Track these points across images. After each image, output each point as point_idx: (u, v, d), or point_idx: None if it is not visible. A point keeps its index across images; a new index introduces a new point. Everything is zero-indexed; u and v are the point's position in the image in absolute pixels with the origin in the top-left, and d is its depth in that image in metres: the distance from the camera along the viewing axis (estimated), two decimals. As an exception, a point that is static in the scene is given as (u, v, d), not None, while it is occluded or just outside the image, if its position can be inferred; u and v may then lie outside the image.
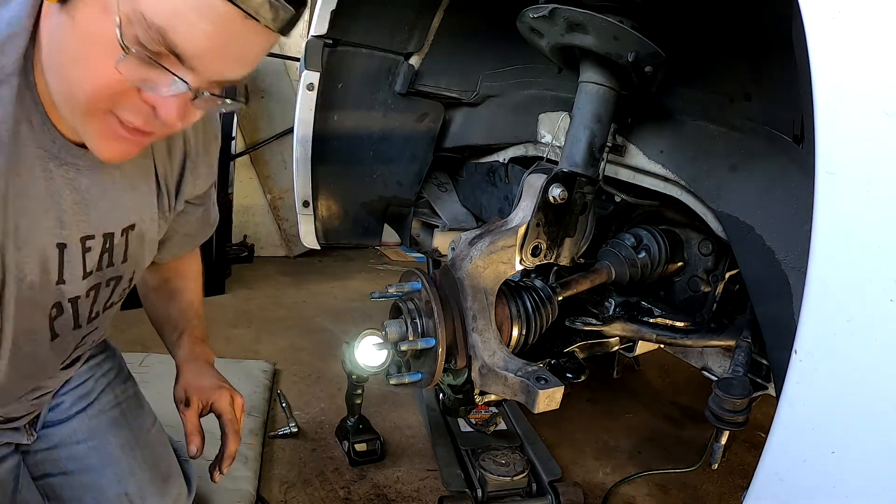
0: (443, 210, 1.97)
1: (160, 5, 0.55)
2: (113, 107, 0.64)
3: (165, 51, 0.58)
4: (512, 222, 1.15)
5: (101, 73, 0.60)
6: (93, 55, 0.60)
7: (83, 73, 0.61)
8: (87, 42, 0.59)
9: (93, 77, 0.61)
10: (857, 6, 0.59)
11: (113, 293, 0.94)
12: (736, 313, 1.28)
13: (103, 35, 0.57)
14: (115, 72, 0.59)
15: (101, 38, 0.58)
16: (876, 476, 0.62)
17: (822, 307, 0.64)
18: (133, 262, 0.93)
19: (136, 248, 0.92)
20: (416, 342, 1.06)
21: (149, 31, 0.56)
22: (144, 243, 0.93)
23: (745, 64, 1.09)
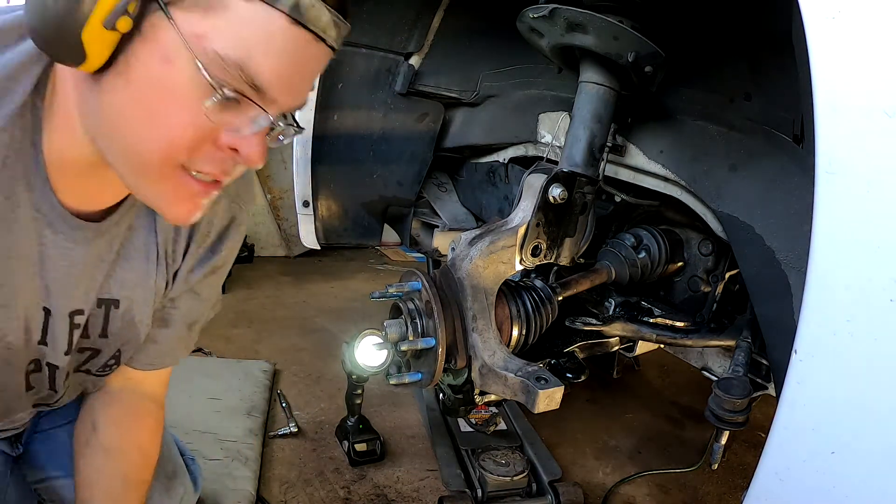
0: (443, 210, 1.97)
1: (232, 39, 0.53)
2: (188, 161, 0.60)
3: (246, 86, 0.55)
4: (512, 222, 1.15)
5: (176, 125, 0.56)
6: (164, 109, 0.56)
7: (154, 130, 0.57)
8: (154, 97, 0.55)
9: (168, 131, 0.57)
10: (857, 6, 0.59)
11: (88, 362, 0.86)
12: (736, 313, 1.28)
13: (172, 85, 0.54)
14: (191, 121, 0.56)
15: (171, 89, 0.55)
16: (876, 476, 0.62)
17: (822, 307, 0.64)
18: (115, 340, 0.85)
19: (119, 328, 0.84)
20: (416, 342, 1.06)
21: (226, 68, 0.54)
22: (133, 324, 0.85)
23: (745, 64, 1.09)
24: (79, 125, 0.62)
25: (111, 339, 0.84)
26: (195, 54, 0.52)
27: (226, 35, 0.53)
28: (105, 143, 0.61)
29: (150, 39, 0.53)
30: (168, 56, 0.53)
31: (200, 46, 0.53)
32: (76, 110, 0.61)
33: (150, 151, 0.58)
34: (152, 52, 0.54)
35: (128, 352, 0.89)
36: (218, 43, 0.53)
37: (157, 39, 0.53)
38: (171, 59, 0.53)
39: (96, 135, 0.61)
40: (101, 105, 0.57)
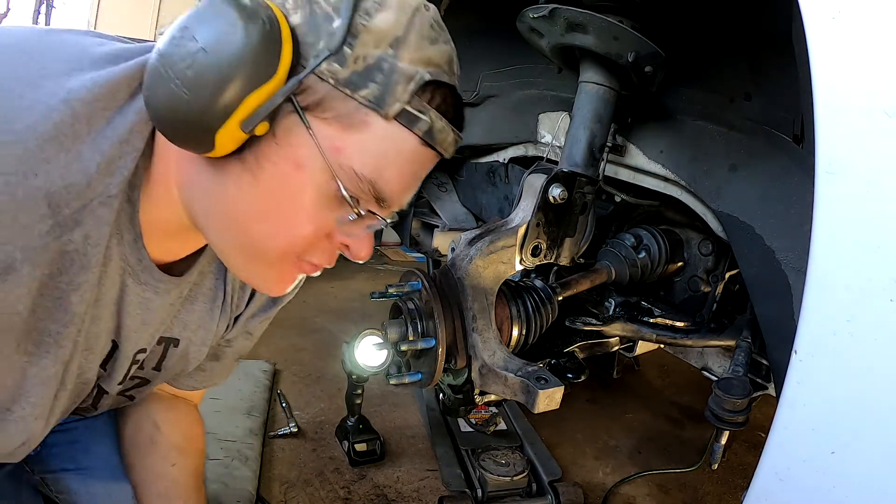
0: (443, 210, 1.97)
1: (368, 157, 0.55)
2: (303, 254, 0.62)
3: (373, 199, 0.58)
4: (512, 222, 1.15)
5: (301, 226, 0.58)
6: (290, 211, 0.57)
7: (277, 228, 0.59)
8: (282, 199, 0.57)
9: (291, 231, 0.59)
10: (857, 6, 0.59)
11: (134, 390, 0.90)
12: (736, 313, 1.28)
13: (302, 190, 0.56)
14: (315, 225, 0.58)
15: (300, 194, 0.56)
16: (876, 476, 0.62)
17: (822, 307, 0.64)
18: (166, 373, 0.89)
19: (173, 364, 0.87)
20: (416, 342, 1.06)
21: (360, 183, 0.56)
22: (187, 361, 0.88)
23: (745, 64, 1.09)
24: (175, 195, 0.62)
25: (163, 373, 0.87)
26: (333, 170, 0.54)
27: (363, 152, 0.55)
28: (212, 224, 0.62)
29: (284, 144, 0.54)
30: (301, 163, 0.55)
31: (337, 161, 0.54)
32: (175, 183, 0.62)
33: (270, 246, 0.60)
34: (285, 157, 0.55)
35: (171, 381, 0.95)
36: (355, 159, 0.55)
37: (291, 144, 0.54)
38: (303, 166, 0.55)
39: (200, 213, 0.62)
40: (216, 190, 0.58)
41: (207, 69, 0.49)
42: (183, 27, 0.50)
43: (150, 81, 0.52)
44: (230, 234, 0.61)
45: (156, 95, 0.52)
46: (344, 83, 0.53)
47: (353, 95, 0.54)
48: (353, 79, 0.53)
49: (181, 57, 0.50)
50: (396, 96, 0.55)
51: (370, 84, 0.54)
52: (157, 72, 0.51)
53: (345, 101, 0.54)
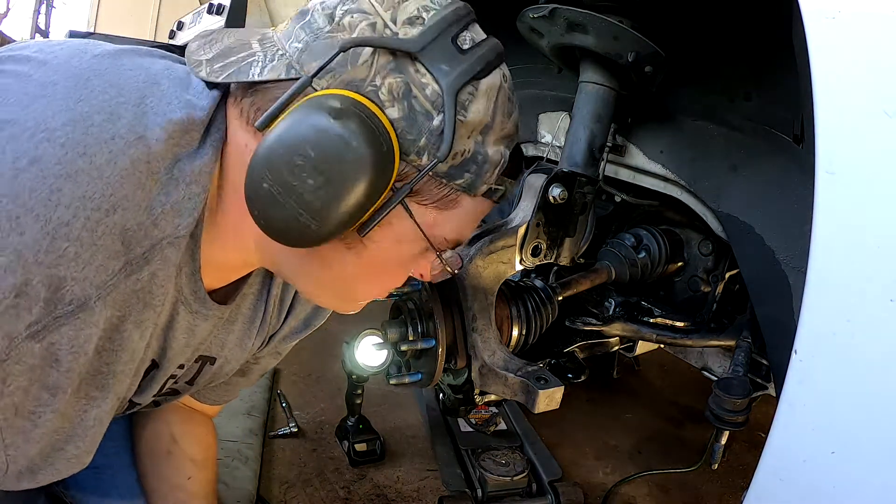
0: (443, 210, 1.97)
1: (456, 225, 0.63)
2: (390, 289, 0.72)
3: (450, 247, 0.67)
4: (512, 222, 1.15)
5: (395, 282, 0.69)
6: (390, 275, 0.67)
7: (377, 287, 0.69)
8: (384, 268, 0.65)
9: (388, 287, 0.70)
10: (857, 6, 0.59)
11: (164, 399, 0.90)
12: (736, 313, 1.28)
13: (400, 259, 0.64)
14: (408, 270, 0.68)
15: (398, 262, 0.65)
16: (876, 476, 0.62)
17: (822, 307, 0.64)
18: (196, 388, 0.91)
19: (206, 380, 0.89)
20: (416, 342, 1.06)
21: (447, 243, 0.65)
22: (218, 377, 0.91)
23: (745, 64, 1.09)
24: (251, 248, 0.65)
25: (195, 387, 0.89)
26: (430, 242, 0.62)
27: (452, 224, 0.62)
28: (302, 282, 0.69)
29: (386, 226, 0.59)
30: (401, 239, 0.61)
31: (431, 234, 0.61)
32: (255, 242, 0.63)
33: (368, 296, 0.70)
34: (387, 236, 0.60)
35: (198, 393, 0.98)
36: (446, 230, 0.62)
37: (392, 226, 0.59)
38: (403, 241, 0.61)
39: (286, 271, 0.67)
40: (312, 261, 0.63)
41: (332, 200, 0.51)
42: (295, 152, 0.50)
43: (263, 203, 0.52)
44: (324, 290, 0.69)
45: (273, 217, 0.53)
46: (443, 175, 0.58)
47: (450, 184, 0.59)
48: (451, 171, 0.58)
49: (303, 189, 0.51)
50: (485, 180, 0.61)
51: (465, 174, 0.59)
52: (270, 196, 0.51)
53: (441, 188, 0.59)
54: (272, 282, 0.83)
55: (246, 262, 0.69)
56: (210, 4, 3.55)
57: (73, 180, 0.48)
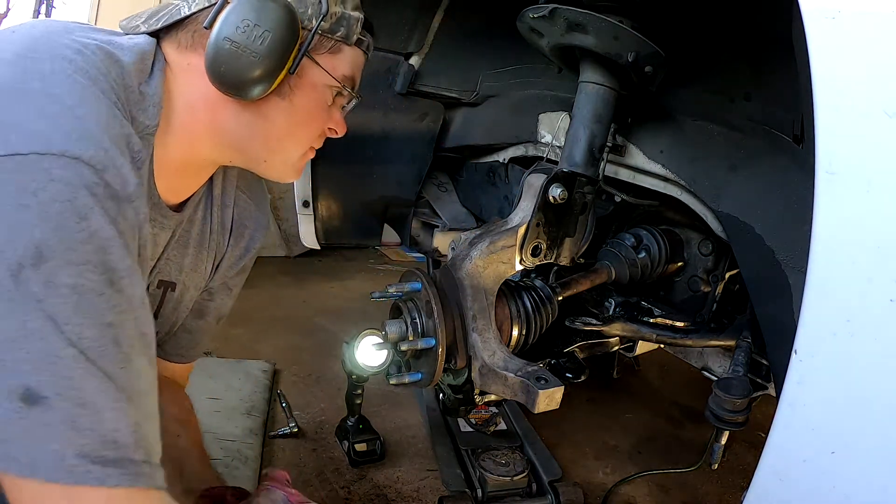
0: (443, 210, 1.97)
1: (345, 65, 0.87)
2: (314, 142, 0.91)
3: (351, 87, 0.89)
4: (512, 222, 1.15)
5: (319, 125, 0.89)
6: (315, 115, 0.87)
7: (309, 129, 0.88)
8: (308, 111, 0.86)
9: (314, 130, 0.89)
10: (857, 6, 0.59)
11: None
12: (736, 313, 1.28)
13: (318, 102, 0.87)
14: (325, 120, 0.90)
15: (318, 105, 0.87)
16: (876, 476, 0.62)
17: (822, 307, 0.64)
18: (160, 323, 0.96)
19: (169, 311, 0.97)
20: (416, 342, 1.06)
21: (346, 80, 0.88)
22: (179, 310, 0.98)
23: (745, 64, 1.09)
24: (200, 134, 0.82)
25: (158, 322, 0.96)
26: (334, 78, 0.85)
27: (344, 64, 0.87)
28: (252, 147, 0.85)
29: (301, 75, 0.82)
30: (315, 83, 0.84)
31: (338, 74, 0.86)
32: (208, 128, 0.82)
33: (300, 145, 0.89)
34: (305, 84, 0.83)
35: (167, 345, 1.03)
36: (341, 69, 0.86)
37: (305, 76, 0.83)
38: (316, 85, 0.85)
39: (238, 143, 0.84)
40: (260, 121, 0.83)
41: (269, 42, 0.75)
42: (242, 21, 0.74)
43: (222, 57, 0.74)
44: (267, 149, 0.86)
45: (229, 65, 0.75)
46: (327, 31, 0.83)
47: (332, 37, 0.84)
48: (332, 27, 0.84)
49: (252, 38, 0.74)
50: (354, 31, 0.86)
51: (340, 28, 0.85)
52: (231, 53, 0.74)
53: (327, 42, 0.84)
54: (213, 207, 0.97)
55: (190, 162, 0.85)
56: (210, 4, 3.56)
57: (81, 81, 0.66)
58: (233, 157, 0.87)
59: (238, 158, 0.87)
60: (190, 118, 0.80)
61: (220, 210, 0.98)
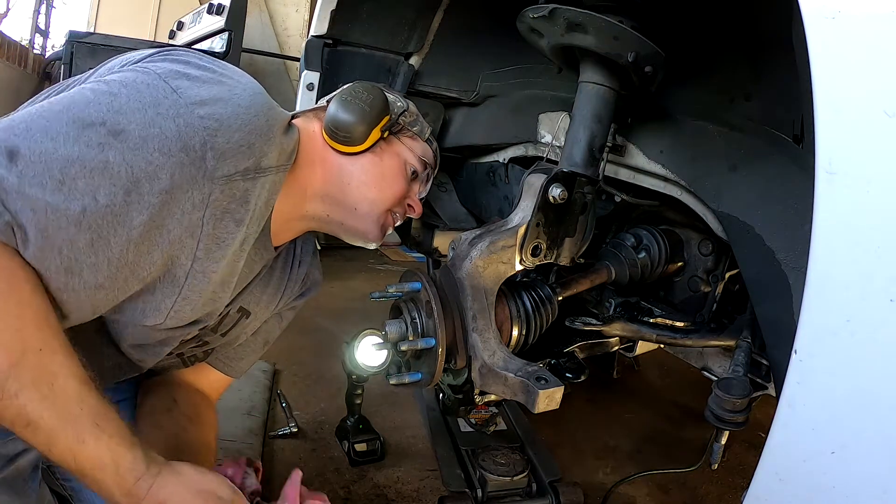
0: (443, 210, 1.97)
1: (418, 151, 1.12)
2: (393, 207, 1.09)
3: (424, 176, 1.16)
4: (512, 222, 1.15)
5: (400, 188, 1.08)
6: (394, 179, 1.07)
7: (387, 190, 1.06)
8: (393, 171, 1.07)
9: (395, 190, 1.07)
10: (857, 6, 0.59)
11: (190, 348, 1.07)
12: (736, 313, 1.28)
13: (400, 169, 1.08)
14: (402, 187, 1.08)
15: (399, 170, 1.08)
16: (876, 476, 0.62)
17: (822, 307, 0.64)
18: (225, 342, 1.10)
19: (236, 335, 1.10)
20: (416, 342, 1.06)
21: (418, 165, 1.12)
22: (243, 333, 1.12)
23: (745, 64, 1.09)
24: (310, 190, 1.00)
25: (224, 340, 1.10)
26: (413, 154, 1.11)
27: (420, 150, 1.13)
28: (347, 194, 1.03)
29: (389, 144, 1.08)
30: (398, 153, 1.09)
31: (412, 151, 1.11)
32: (321, 180, 1.01)
33: (385, 199, 1.06)
34: (391, 152, 1.08)
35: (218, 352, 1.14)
36: (416, 151, 1.12)
37: (392, 145, 1.09)
38: (399, 154, 1.09)
39: (337, 190, 1.02)
40: (355, 171, 1.03)
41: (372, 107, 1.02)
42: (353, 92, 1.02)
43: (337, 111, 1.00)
44: (361, 196, 1.03)
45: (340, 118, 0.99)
46: (407, 123, 1.12)
47: (410, 129, 1.12)
48: (410, 122, 1.12)
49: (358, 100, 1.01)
50: (424, 131, 1.15)
51: (416, 125, 1.13)
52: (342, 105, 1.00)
53: (408, 130, 1.12)
54: (293, 260, 1.14)
55: (295, 215, 1.01)
56: (210, 4, 3.56)
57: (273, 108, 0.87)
58: (332, 209, 1.03)
59: (336, 209, 1.03)
60: (309, 172, 1.00)
61: (300, 266, 1.16)
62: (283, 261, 1.12)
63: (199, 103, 0.77)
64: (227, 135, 0.78)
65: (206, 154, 0.77)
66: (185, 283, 0.84)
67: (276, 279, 1.11)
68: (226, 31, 3.37)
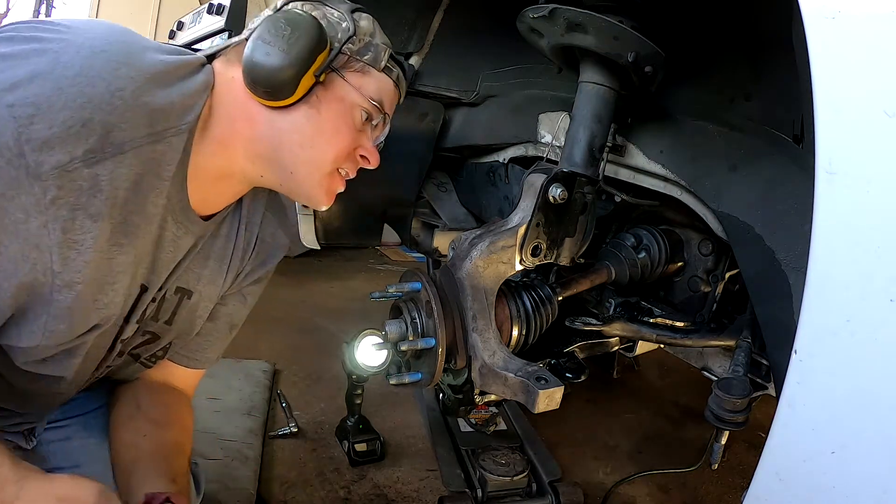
0: (443, 210, 1.97)
1: (374, 88, 0.90)
2: (342, 165, 0.91)
3: (380, 113, 0.93)
4: (512, 222, 1.15)
5: (345, 142, 0.89)
6: (340, 130, 0.88)
7: (332, 144, 0.88)
8: (335, 125, 0.88)
9: (340, 144, 0.89)
10: (857, 6, 0.59)
11: (143, 347, 0.98)
12: (736, 313, 1.28)
13: (345, 118, 0.89)
14: (351, 137, 0.90)
15: (344, 121, 0.89)
16: (876, 476, 0.62)
17: (822, 307, 0.64)
18: (175, 329, 0.99)
19: (184, 318, 0.99)
20: (416, 342, 1.06)
21: (373, 103, 0.90)
22: (194, 318, 1.01)
23: (745, 64, 1.09)
24: (236, 145, 0.85)
25: (173, 328, 0.99)
26: (361, 96, 0.89)
27: (371, 86, 0.90)
28: (282, 155, 0.87)
29: (329, 88, 0.87)
30: (342, 97, 0.88)
31: (360, 92, 0.89)
32: (245, 138, 0.85)
33: (329, 156, 0.89)
34: (332, 96, 0.87)
35: (177, 346, 1.04)
36: (368, 89, 0.90)
37: (333, 88, 0.87)
38: (344, 99, 0.88)
39: (270, 151, 0.86)
40: (289, 128, 0.86)
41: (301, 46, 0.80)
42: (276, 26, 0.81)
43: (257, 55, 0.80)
44: (293, 160, 0.87)
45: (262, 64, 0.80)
46: (355, 52, 0.89)
47: (360, 59, 0.89)
48: (359, 50, 0.89)
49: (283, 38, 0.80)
50: (381, 58, 0.91)
51: (368, 53, 0.90)
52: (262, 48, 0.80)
53: (355, 62, 0.89)
54: (240, 226, 1.00)
55: (223, 172, 0.87)
56: (210, 4, 3.55)
57: (128, 65, 0.72)
58: (264, 171, 0.88)
59: (269, 171, 0.89)
60: (229, 129, 0.85)
61: (247, 229, 1.01)
62: (228, 227, 0.98)
63: (9, 89, 0.64)
64: (49, 118, 0.65)
65: (22, 149, 0.64)
66: (52, 301, 0.74)
67: (217, 250, 0.97)
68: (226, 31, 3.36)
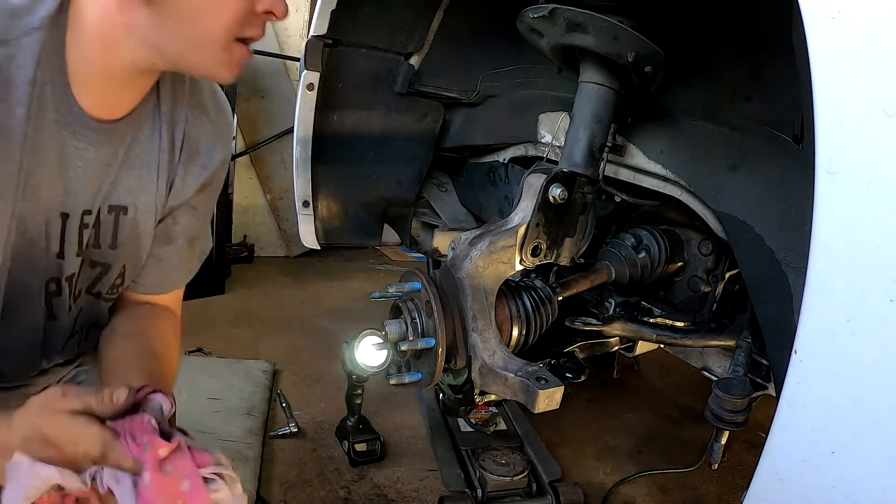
0: (443, 210, 1.97)
1: None
2: (240, 31, 0.78)
3: None
4: (512, 222, 1.15)
5: (232, 7, 0.75)
6: None
7: (220, 15, 0.75)
8: None
9: (229, 12, 0.75)
10: (857, 6, 0.59)
11: (99, 281, 0.92)
12: (736, 313, 1.28)
13: None
14: (240, 3, 0.75)
15: None
16: (876, 476, 0.62)
17: (822, 307, 0.64)
18: (123, 252, 0.92)
19: (127, 237, 0.92)
20: (416, 342, 1.06)
21: None
22: (138, 234, 0.93)
23: (745, 64, 1.09)
24: (116, 36, 0.75)
25: (119, 251, 0.92)
26: None
27: None
28: (168, 39, 0.76)
29: None
30: None
31: None
32: (120, 22, 0.74)
33: (217, 30, 0.75)
34: None
35: (132, 268, 0.97)
36: None
37: None
38: None
39: (155, 37, 0.76)
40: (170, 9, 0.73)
41: None
42: None
43: None
44: (181, 40, 0.76)
45: None
46: None
47: None
48: None
49: None
50: None
51: None
52: None
53: None
54: (162, 125, 0.91)
55: (115, 68, 0.78)
56: (210, 4, 3.56)
57: None
58: (155, 58, 0.78)
59: (159, 58, 0.79)
60: (101, 19, 0.75)
61: (170, 127, 0.91)
62: (150, 129, 0.90)
63: None
64: None
65: None
66: None
67: (141, 155, 0.89)
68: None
